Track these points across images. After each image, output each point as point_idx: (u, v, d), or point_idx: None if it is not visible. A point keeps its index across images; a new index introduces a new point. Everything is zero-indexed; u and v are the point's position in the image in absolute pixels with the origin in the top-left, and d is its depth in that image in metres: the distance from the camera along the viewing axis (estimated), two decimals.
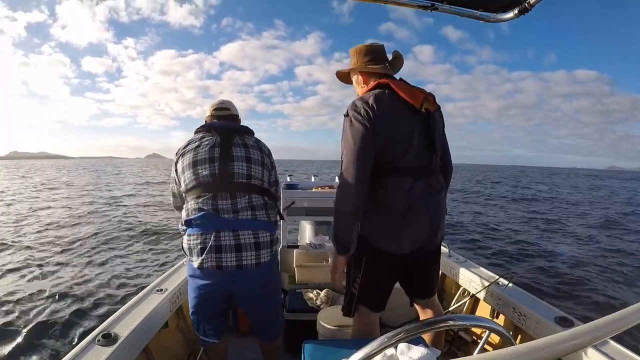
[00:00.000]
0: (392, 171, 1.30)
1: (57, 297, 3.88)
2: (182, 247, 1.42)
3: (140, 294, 1.63)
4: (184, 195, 1.44)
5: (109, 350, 1.19)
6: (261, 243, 1.38)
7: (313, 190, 2.57)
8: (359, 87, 1.45)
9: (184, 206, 1.42)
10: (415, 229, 1.31)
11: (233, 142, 1.44)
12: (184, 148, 1.45)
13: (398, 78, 1.40)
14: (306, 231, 3.13)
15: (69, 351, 1.17)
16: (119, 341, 1.25)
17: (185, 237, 1.40)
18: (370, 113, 1.25)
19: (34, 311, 3.57)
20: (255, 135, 1.57)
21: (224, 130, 1.47)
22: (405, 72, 1.50)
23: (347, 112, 1.30)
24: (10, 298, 3.85)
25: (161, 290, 1.68)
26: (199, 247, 1.33)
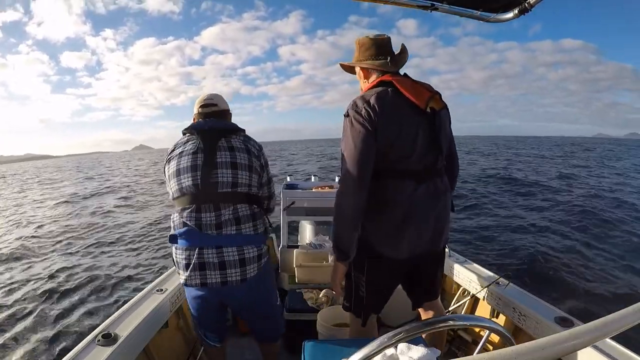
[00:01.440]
0: (394, 173, 1.26)
1: (56, 297, 3.88)
2: (172, 258, 1.41)
3: (140, 294, 1.63)
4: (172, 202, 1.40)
5: (109, 350, 1.19)
6: (247, 259, 1.32)
7: (313, 190, 2.57)
8: (360, 81, 1.41)
9: (172, 216, 1.38)
10: (415, 234, 1.28)
11: (218, 145, 1.35)
12: (170, 153, 1.40)
13: (402, 73, 1.34)
14: (306, 231, 3.12)
15: (69, 351, 1.17)
16: (119, 341, 1.25)
17: (172, 249, 1.38)
18: (372, 114, 1.19)
19: (34, 311, 3.57)
20: (242, 129, 1.45)
21: (208, 133, 1.38)
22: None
23: (347, 112, 1.25)
24: (9, 298, 3.85)
25: (161, 290, 1.68)
26: (183, 262, 1.32)
